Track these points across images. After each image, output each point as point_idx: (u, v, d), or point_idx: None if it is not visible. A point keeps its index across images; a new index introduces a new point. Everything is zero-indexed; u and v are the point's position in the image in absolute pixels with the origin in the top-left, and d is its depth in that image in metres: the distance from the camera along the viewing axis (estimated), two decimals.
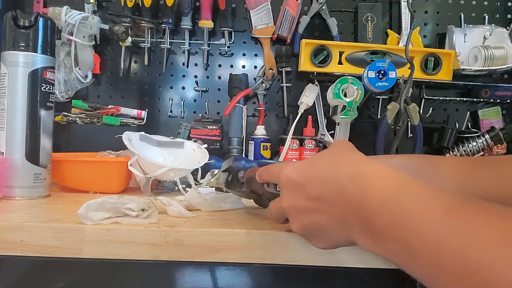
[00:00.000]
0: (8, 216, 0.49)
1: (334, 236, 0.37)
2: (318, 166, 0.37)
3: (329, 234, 0.37)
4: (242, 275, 0.53)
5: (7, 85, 0.61)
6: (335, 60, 0.98)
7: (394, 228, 0.30)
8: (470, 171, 0.52)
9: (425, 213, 0.28)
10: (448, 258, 0.26)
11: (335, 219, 0.35)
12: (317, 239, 0.39)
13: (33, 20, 0.61)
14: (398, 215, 0.30)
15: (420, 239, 0.28)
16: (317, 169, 0.37)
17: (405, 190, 0.31)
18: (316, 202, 0.36)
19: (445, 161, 0.55)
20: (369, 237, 0.32)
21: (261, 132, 1.02)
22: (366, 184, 0.33)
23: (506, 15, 1.08)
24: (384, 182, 0.32)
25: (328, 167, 0.36)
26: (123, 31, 0.97)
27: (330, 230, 0.36)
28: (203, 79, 1.08)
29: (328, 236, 0.37)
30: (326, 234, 0.37)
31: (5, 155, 0.61)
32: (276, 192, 0.44)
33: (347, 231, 0.35)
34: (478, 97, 1.02)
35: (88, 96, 1.06)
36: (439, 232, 0.27)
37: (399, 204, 0.30)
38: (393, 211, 0.30)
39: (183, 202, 0.55)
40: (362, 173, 0.34)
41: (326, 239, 0.38)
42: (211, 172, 0.75)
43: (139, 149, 0.68)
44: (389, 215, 0.30)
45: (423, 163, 0.54)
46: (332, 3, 1.06)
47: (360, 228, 0.33)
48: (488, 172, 0.52)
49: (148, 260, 0.45)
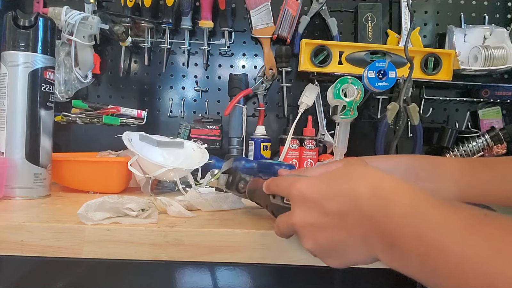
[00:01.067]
0: (8, 216, 0.49)
1: (353, 253, 0.35)
2: (335, 182, 0.36)
3: (348, 251, 0.36)
4: (242, 275, 0.53)
5: (7, 85, 0.61)
6: (335, 60, 0.98)
7: (417, 243, 0.29)
8: (470, 172, 0.52)
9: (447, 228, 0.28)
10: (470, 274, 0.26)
11: (356, 235, 0.34)
12: (334, 257, 0.37)
13: (33, 20, 0.61)
14: (420, 230, 0.29)
15: (443, 255, 0.28)
16: (333, 185, 0.36)
17: (426, 205, 0.31)
18: (335, 218, 0.35)
19: (446, 161, 0.55)
20: (391, 252, 0.32)
21: (261, 132, 1.02)
22: (386, 199, 0.32)
23: (506, 15, 1.08)
24: (404, 197, 0.32)
25: (345, 183, 0.35)
26: (123, 31, 0.97)
27: (350, 247, 0.35)
28: (203, 79, 1.08)
29: (346, 253, 0.36)
30: (344, 251, 0.36)
31: (5, 155, 0.61)
32: (283, 204, 0.43)
33: (368, 247, 0.34)
34: (478, 97, 1.02)
35: (88, 96, 1.06)
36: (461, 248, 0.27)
37: (421, 219, 0.30)
38: (416, 226, 0.30)
39: (183, 202, 0.55)
40: (381, 187, 0.33)
41: (343, 257, 0.36)
42: (211, 172, 0.75)
43: (139, 149, 0.68)
44: (412, 231, 0.30)
45: (424, 163, 0.54)
46: (332, 3, 1.06)
47: (383, 244, 0.32)
48: (488, 173, 0.52)
49: (148, 260, 0.45)
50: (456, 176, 0.52)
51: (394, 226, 0.31)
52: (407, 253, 0.30)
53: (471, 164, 0.53)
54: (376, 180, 0.34)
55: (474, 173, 0.52)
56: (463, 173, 0.52)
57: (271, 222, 0.49)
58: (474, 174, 0.52)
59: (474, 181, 0.52)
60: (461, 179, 0.52)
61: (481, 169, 0.52)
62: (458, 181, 0.52)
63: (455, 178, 0.52)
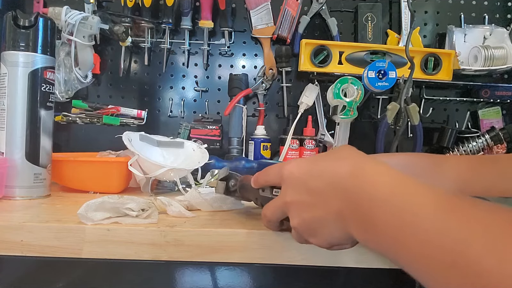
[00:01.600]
0: (8, 216, 0.49)
1: (332, 231, 0.37)
2: (320, 163, 0.38)
3: (328, 229, 0.37)
4: (242, 275, 0.53)
5: (7, 85, 0.61)
6: (335, 60, 0.98)
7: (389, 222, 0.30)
8: (469, 169, 0.52)
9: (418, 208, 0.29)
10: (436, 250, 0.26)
11: (333, 212, 0.36)
12: (317, 236, 0.38)
13: (33, 20, 0.61)
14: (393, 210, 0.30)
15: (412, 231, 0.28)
16: (318, 165, 0.37)
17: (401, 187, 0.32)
18: (316, 196, 0.37)
19: (446, 159, 0.55)
20: (365, 230, 0.33)
21: (261, 132, 1.02)
22: (364, 179, 0.33)
23: (506, 15, 1.08)
24: (381, 178, 0.33)
25: (329, 163, 0.37)
26: (123, 31, 0.97)
27: (329, 224, 0.36)
28: (203, 79, 1.08)
29: (327, 231, 0.37)
30: (325, 229, 0.37)
31: (5, 155, 0.61)
32: (272, 196, 0.44)
33: (343, 224, 0.35)
34: (478, 97, 1.02)
35: (88, 96, 1.06)
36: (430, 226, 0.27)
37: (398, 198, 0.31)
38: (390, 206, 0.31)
39: (183, 202, 0.55)
40: (361, 168, 0.34)
41: (325, 235, 0.38)
42: (211, 172, 0.75)
43: (139, 149, 0.68)
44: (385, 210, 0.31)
45: (424, 161, 0.54)
46: (332, 3, 1.06)
47: (357, 222, 0.34)
48: (487, 170, 0.52)
49: (148, 260, 0.45)
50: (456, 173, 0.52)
51: (369, 206, 0.32)
52: (380, 229, 0.31)
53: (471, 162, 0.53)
54: (357, 160, 0.36)
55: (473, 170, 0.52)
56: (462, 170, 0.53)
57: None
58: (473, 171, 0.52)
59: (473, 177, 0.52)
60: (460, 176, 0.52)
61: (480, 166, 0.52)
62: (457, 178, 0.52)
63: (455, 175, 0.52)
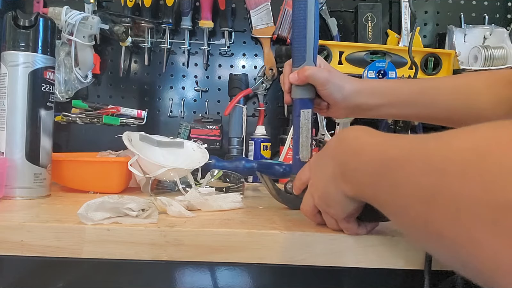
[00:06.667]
0: (8, 216, 0.49)
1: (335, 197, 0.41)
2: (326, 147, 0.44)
3: (332, 195, 0.41)
4: (242, 275, 0.53)
5: (7, 85, 0.61)
6: (335, 60, 0.98)
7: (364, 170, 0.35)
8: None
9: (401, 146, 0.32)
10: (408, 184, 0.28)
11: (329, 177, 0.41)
12: (330, 206, 0.43)
13: (33, 20, 0.61)
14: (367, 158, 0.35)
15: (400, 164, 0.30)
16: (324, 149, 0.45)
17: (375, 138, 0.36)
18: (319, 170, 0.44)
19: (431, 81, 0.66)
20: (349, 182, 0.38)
21: (261, 132, 1.02)
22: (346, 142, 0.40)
23: (506, 15, 1.08)
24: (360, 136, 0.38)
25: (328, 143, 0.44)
26: (123, 31, 0.97)
27: (331, 189, 0.41)
28: (203, 79, 1.08)
29: (332, 198, 0.41)
30: (330, 196, 0.41)
31: (5, 155, 0.61)
32: None
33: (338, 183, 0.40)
34: None
35: (88, 96, 1.06)
36: (408, 150, 0.30)
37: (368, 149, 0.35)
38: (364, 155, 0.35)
39: (183, 202, 0.55)
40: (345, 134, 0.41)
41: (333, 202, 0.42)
42: (211, 172, 0.75)
43: (139, 149, 0.68)
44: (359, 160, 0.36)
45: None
46: (332, 3, 1.06)
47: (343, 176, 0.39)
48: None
49: (148, 260, 0.45)
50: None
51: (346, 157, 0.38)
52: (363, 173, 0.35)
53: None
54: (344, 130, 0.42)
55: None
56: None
57: (271, 222, 0.49)
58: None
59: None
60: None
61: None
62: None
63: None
